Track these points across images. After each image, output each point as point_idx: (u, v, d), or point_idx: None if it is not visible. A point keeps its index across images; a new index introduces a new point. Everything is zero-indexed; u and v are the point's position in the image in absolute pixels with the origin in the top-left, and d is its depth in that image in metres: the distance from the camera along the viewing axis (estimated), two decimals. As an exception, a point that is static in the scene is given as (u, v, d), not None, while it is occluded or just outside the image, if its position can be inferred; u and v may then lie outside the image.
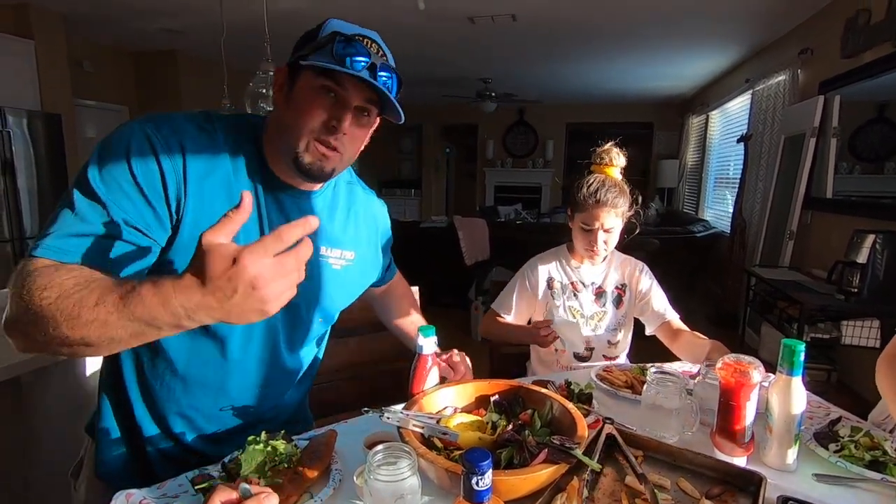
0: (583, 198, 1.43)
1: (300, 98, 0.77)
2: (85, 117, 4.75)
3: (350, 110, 0.77)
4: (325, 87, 0.76)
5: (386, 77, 0.77)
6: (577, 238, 1.50)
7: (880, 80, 2.81)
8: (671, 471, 0.83)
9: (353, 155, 0.83)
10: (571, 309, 1.52)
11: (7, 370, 1.27)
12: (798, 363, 0.82)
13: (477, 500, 0.55)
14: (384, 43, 0.80)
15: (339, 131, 0.76)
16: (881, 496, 0.79)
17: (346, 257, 0.95)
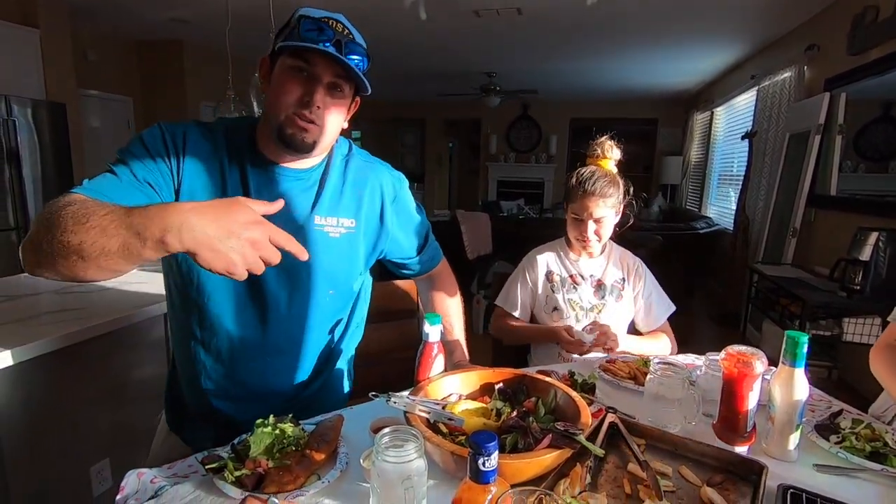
0: (573, 187, 1.45)
1: (277, 80, 0.87)
2: (90, 107, 4.76)
3: (321, 84, 0.85)
4: (297, 66, 0.85)
5: (353, 54, 0.85)
6: (570, 228, 1.53)
7: (887, 78, 2.80)
8: (673, 459, 0.84)
9: (333, 128, 0.90)
10: (571, 301, 1.53)
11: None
12: (801, 355, 0.83)
13: (483, 480, 0.56)
14: (351, 24, 0.88)
15: (312, 105, 0.85)
16: (881, 486, 0.80)
17: (345, 224, 0.99)
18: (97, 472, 1.60)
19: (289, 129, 0.86)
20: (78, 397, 1.54)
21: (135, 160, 0.85)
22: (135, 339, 1.70)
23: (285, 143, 0.87)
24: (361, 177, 1.02)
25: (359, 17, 0.83)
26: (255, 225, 0.65)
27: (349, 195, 1.00)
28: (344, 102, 0.90)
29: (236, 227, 0.64)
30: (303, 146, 0.87)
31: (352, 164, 1.02)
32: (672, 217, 6.25)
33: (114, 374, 1.65)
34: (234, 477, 0.73)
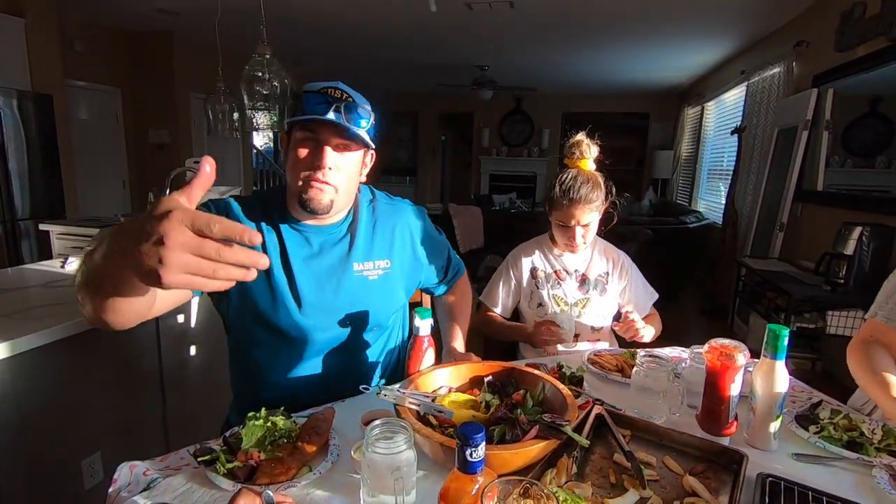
0: (557, 196, 1.42)
1: (291, 151, 0.98)
2: (77, 98, 4.69)
3: (328, 147, 0.94)
4: (306, 137, 0.96)
5: (354, 115, 0.95)
6: (556, 234, 1.52)
7: (874, 75, 2.83)
8: (657, 449, 0.86)
9: (347, 185, 1.00)
10: (555, 297, 1.54)
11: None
12: (782, 347, 0.85)
13: (471, 470, 0.58)
14: (351, 88, 0.98)
15: (323, 167, 0.94)
16: (856, 474, 0.82)
17: (381, 266, 1.10)
18: (88, 465, 1.60)
19: (305, 193, 0.96)
20: (69, 390, 1.53)
21: None
22: (126, 332, 1.68)
23: (304, 207, 0.97)
24: (389, 218, 1.14)
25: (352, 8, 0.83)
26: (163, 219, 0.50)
27: (380, 237, 1.11)
28: (355, 159, 1.00)
29: (147, 229, 0.51)
30: (320, 207, 0.97)
31: (378, 208, 1.13)
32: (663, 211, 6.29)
33: (105, 367, 1.65)
34: (226, 469, 0.74)
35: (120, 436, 1.69)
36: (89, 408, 1.60)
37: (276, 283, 1.01)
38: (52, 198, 3.91)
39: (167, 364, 1.84)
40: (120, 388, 1.70)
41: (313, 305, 1.03)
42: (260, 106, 2.41)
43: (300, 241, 1.04)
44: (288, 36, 5.00)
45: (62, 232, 3.14)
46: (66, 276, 1.89)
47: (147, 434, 1.81)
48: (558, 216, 1.46)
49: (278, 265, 1.02)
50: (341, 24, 4.60)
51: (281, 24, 4.51)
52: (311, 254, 1.04)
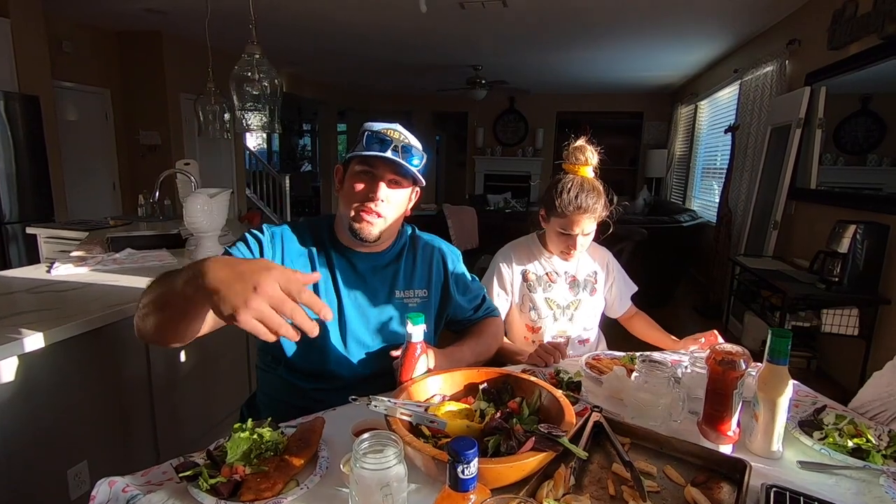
0: (562, 204, 1.38)
1: (348, 182, 1.07)
2: (65, 99, 4.62)
3: (383, 181, 1.03)
4: (363, 170, 1.04)
5: (409, 155, 1.03)
6: (554, 241, 1.47)
7: (865, 73, 2.83)
8: (657, 458, 0.84)
9: (396, 217, 1.09)
10: (549, 300, 1.51)
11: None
12: (785, 352, 0.83)
13: (462, 488, 0.55)
14: (406, 130, 1.07)
15: (376, 199, 1.03)
16: (863, 483, 0.80)
17: (420, 295, 1.17)
18: (74, 474, 1.56)
19: (356, 223, 1.04)
20: (55, 398, 1.49)
21: (237, 254, 1.03)
22: (113, 339, 1.65)
23: (354, 234, 1.05)
24: (428, 252, 1.22)
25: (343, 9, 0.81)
26: (264, 270, 0.66)
27: (420, 269, 1.19)
28: (403, 194, 1.08)
29: (247, 273, 0.65)
30: (370, 236, 1.05)
31: (419, 243, 1.22)
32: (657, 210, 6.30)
33: (92, 373, 1.61)
34: (209, 485, 0.71)
35: (108, 443, 1.66)
36: (76, 415, 1.57)
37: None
38: (40, 200, 3.85)
39: (156, 370, 1.81)
40: (107, 394, 1.67)
41: (354, 333, 1.10)
42: (250, 106, 2.37)
43: (348, 267, 1.11)
44: (281, 37, 4.96)
45: (50, 235, 3.08)
46: (51, 281, 1.85)
47: (136, 441, 1.77)
48: (560, 224, 1.41)
49: (329, 290, 1.09)
50: (333, 24, 4.56)
51: (273, 25, 4.47)
52: (357, 279, 1.11)
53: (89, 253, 2.25)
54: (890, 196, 2.83)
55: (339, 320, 1.09)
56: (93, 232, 2.97)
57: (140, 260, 2.18)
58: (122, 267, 2.08)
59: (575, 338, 1.54)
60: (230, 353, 2.21)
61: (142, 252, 2.30)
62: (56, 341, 1.40)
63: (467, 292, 1.28)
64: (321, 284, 1.08)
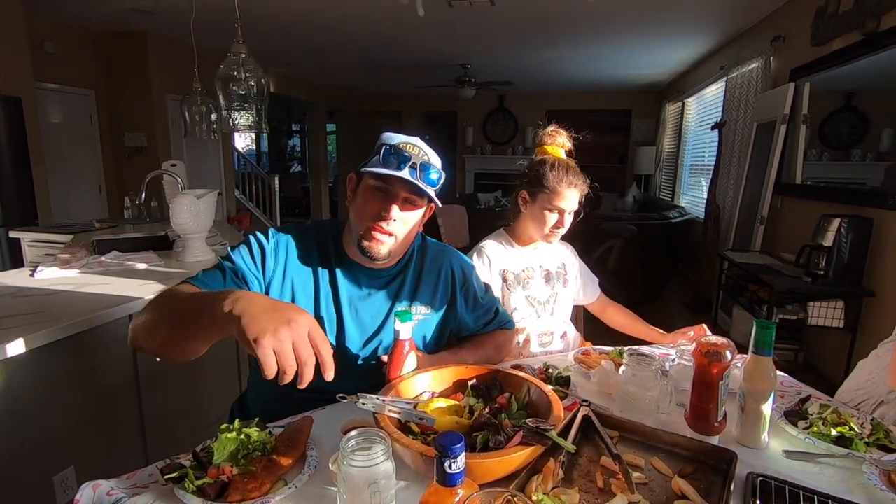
0: (552, 180, 1.39)
1: (360, 197, 1.03)
2: (48, 101, 4.55)
3: (397, 201, 0.99)
4: (377, 186, 1.00)
5: (427, 172, 1.00)
6: (539, 221, 1.44)
7: (848, 69, 2.87)
8: (646, 450, 0.84)
9: (407, 236, 1.05)
10: (529, 298, 1.49)
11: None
12: (770, 343, 0.84)
13: (450, 483, 0.55)
14: (426, 145, 1.04)
15: (389, 218, 0.98)
16: (846, 470, 0.81)
17: (422, 311, 1.13)
18: (61, 480, 1.54)
19: (366, 241, 1.01)
20: (40, 403, 1.47)
21: (239, 259, 1.02)
22: (100, 343, 1.63)
23: (363, 252, 1.02)
24: (435, 265, 1.17)
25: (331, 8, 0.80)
26: (300, 312, 0.71)
27: (425, 284, 1.14)
28: (417, 214, 1.05)
29: (283, 309, 0.71)
30: (379, 256, 1.02)
31: (427, 254, 1.17)
32: (646, 207, 6.34)
33: (78, 378, 1.59)
34: (196, 486, 0.70)
35: (95, 449, 1.63)
36: (61, 421, 1.54)
37: (324, 321, 1.06)
38: (23, 204, 3.79)
39: (143, 372, 1.79)
40: (94, 399, 1.64)
41: (351, 348, 1.08)
42: (237, 106, 2.35)
43: (351, 281, 1.08)
44: (268, 37, 4.92)
45: (34, 239, 3.04)
46: (35, 285, 1.82)
47: (124, 446, 1.75)
48: (549, 200, 1.40)
49: (329, 305, 1.07)
50: (321, 24, 4.54)
51: (260, 25, 4.43)
52: (359, 295, 1.08)
53: (74, 256, 2.22)
54: (873, 190, 2.87)
55: (338, 333, 1.07)
56: (78, 235, 2.93)
57: (126, 262, 2.15)
58: (109, 270, 2.05)
59: (557, 333, 1.54)
60: (219, 354, 2.19)
61: (128, 254, 2.27)
62: (40, 345, 1.38)
63: (476, 309, 1.22)
64: (322, 298, 1.06)
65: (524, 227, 1.49)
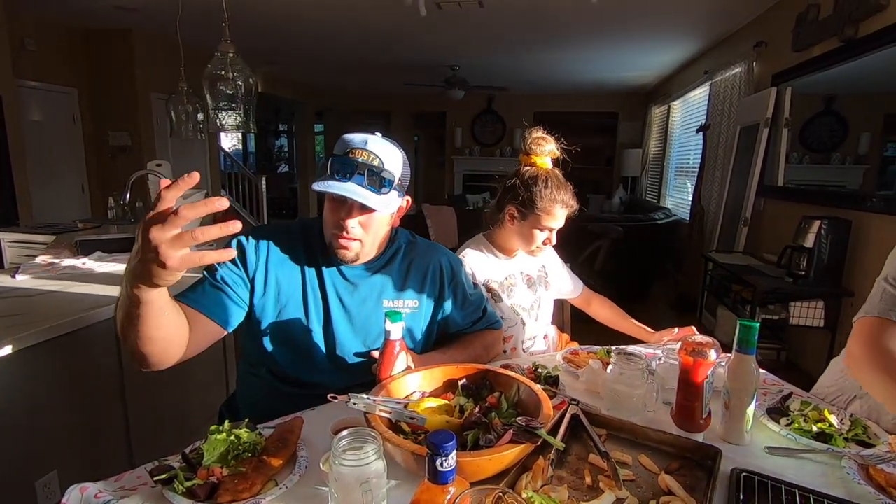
0: (545, 202, 1.34)
1: (325, 204, 1.05)
2: (29, 99, 4.46)
3: (352, 213, 0.99)
4: (333, 196, 1.00)
5: (383, 175, 0.99)
6: (527, 238, 1.41)
7: (828, 74, 2.94)
8: (633, 448, 0.86)
9: (375, 238, 1.05)
10: (515, 307, 1.46)
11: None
12: (753, 342, 0.86)
13: (441, 480, 0.55)
14: (381, 143, 1.02)
15: (346, 228, 1.00)
16: (826, 465, 0.83)
17: (409, 305, 1.13)
18: (43, 485, 1.51)
19: (333, 248, 1.03)
20: (21, 406, 1.44)
21: (223, 268, 1.03)
22: (83, 345, 1.61)
23: (334, 257, 1.04)
24: (424, 260, 1.17)
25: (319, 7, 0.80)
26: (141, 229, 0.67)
27: (413, 278, 1.14)
28: (381, 216, 1.03)
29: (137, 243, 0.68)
30: (346, 259, 1.04)
31: (415, 250, 1.17)
32: (632, 208, 6.41)
33: (61, 381, 1.56)
34: (185, 488, 0.70)
35: (79, 452, 1.61)
36: (44, 424, 1.52)
37: (312, 314, 1.07)
38: (3, 204, 3.72)
39: (129, 375, 1.76)
40: (78, 402, 1.62)
41: (341, 340, 1.08)
42: (224, 106, 2.33)
43: (336, 274, 1.09)
44: (256, 36, 4.89)
45: (14, 240, 2.97)
46: (16, 286, 1.79)
47: (108, 450, 1.72)
48: (539, 221, 1.37)
49: (317, 299, 1.07)
50: (310, 23, 4.52)
51: (248, 24, 4.40)
52: (345, 286, 1.09)
53: (57, 257, 2.18)
54: (852, 193, 2.94)
55: (326, 327, 1.08)
56: (60, 235, 2.88)
57: (110, 263, 2.12)
58: (92, 271, 2.02)
59: (540, 335, 1.54)
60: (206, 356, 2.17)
61: (112, 255, 2.24)
62: (23, 348, 1.36)
63: (465, 306, 1.22)
64: (310, 293, 1.06)
65: (508, 239, 1.46)
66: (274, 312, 1.06)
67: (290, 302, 1.06)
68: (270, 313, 1.06)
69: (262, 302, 1.05)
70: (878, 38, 2.45)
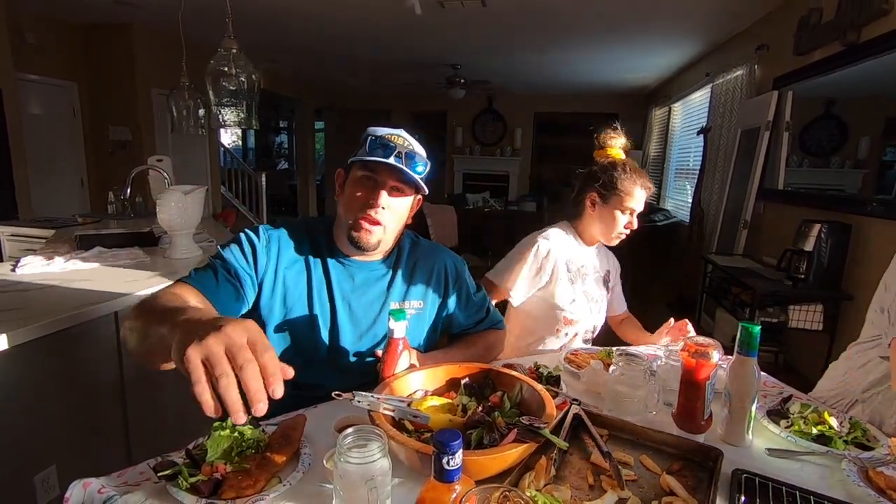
0: (626, 183, 1.42)
1: (349, 188, 1.05)
2: (29, 93, 4.44)
3: (385, 188, 1.01)
4: (365, 175, 1.02)
5: (413, 162, 1.02)
6: (609, 222, 1.46)
7: (829, 78, 2.95)
8: (634, 448, 0.86)
9: (395, 225, 1.06)
10: (586, 294, 1.52)
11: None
12: (754, 345, 0.86)
13: (447, 479, 0.56)
14: (410, 136, 1.06)
15: (377, 205, 1.00)
16: (826, 468, 0.84)
17: (414, 306, 1.14)
18: (42, 479, 1.51)
19: (355, 231, 1.02)
20: (20, 402, 1.44)
21: (231, 257, 1.02)
22: (82, 339, 1.60)
23: (353, 243, 1.03)
24: (428, 261, 1.18)
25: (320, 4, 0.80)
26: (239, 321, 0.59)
27: (418, 279, 1.15)
28: (406, 202, 1.06)
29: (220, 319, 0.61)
30: (368, 245, 1.03)
31: (419, 251, 1.18)
32: (632, 210, 6.40)
33: (61, 375, 1.56)
34: (189, 483, 0.70)
35: (78, 448, 1.61)
36: (43, 419, 1.51)
37: (318, 315, 1.07)
38: (2, 197, 3.71)
39: (128, 371, 1.76)
40: (77, 397, 1.62)
41: (345, 343, 1.08)
42: (227, 102, 2.33)
43: (344, 275, 1.09)
44: (257, 32, 4.87)
45: (14, 233, 2.97)
46: (16, 280, 1.79)
47: (107, 445, 1.72)
48: (621, 202, 1.43)
49: (323, 299, 1.07)
50: (311, 20, 4.51)
51: (249, 20, 4.39)
52: (352, 288, 1.09)
53: (56, 252, 2.17)
54: (852, 197, 2.95)
55: (331, 330, 1.08)
56: (60, 230, 2.88)
57: (111, 258, 2.12)
58: (92, 266, 2.02)
59: (591, 331, 1.57)
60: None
61: (112, 250, 2.23)
62: (22, 342, 1.36)
63: (469, 307, 1.23)
64: (315, 293, 1.06)
65: (590, 227, 1.51)
66: (280, 315, 1.05)
67: (296, 305, 1.06)
68: (276, 315, 1.06)
69: (269, 304, 1.05)
70: (880, 43, 2.46)
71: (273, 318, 1.05)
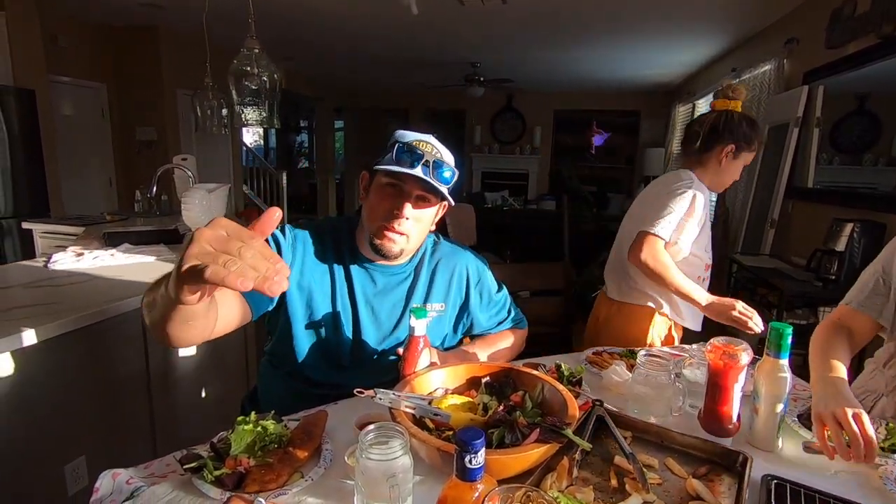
0: (754, 134, 1.50)
1: (373, 195, 1.03)
2: (61, 94, 4.58)
3: (409, 199, 0.99)
4: (390, 184, 1.00)
5: (441, 170, 0.98)
6: (734, 174, 1.55)
7: (862, 72, 2.84)
8: (659, 451, 0.84)
9: (419, 235, 1.05)
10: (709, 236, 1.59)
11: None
12: (786, 346, 0.84)
13: (470, 478, 0.55)
14: (439, 143, 1.04)
15: (401, 217, 0.98)
16: (862, 475, 0.81)
17: (436, 308, 1.14)
18: (72, 469, 1.56)
19: (377, 239, 1.01)
20: (51, 393, 1.49)
21: None
22: (110, 334, 1.65)
23: (375, 250, 1.03)
24: (450, 263, 1.17)
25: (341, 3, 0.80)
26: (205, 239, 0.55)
27: (439, 282, 1.15)
28: (430, 212, 1.04)
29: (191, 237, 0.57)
30: (391, 254, 1.02)
31: (440, 253, 1.17)
32: (654, 208, 6.29)
33: (89, 368, 1.61)
34: (214, 476, 0.71)
35: (105, 439, 1.65)
36: (72, 411, 1.56)
37: (342, 318, 1.07)
38: (35, 195, 3.82)
39: (154, 364, 1.80)
40: (105, 389, 1.66)
41: (367, 345, 1.09)
42: (249, 101, 2.36)
43: (366, 279, 1.09)
44: (277, 33, 4.94)
45: (46, 230, 3.07)
46: (48, 275, 1.84)
47: (134, 437, 1.77)
48: (753, 149, 1.52)
49: (345, 301, 1.07)
50: (331, 19, 4.54)
51: (269, 20, 4.44)
52: (374, 292, 1.09)
53: (87, 248, 2.24)
54: (886, 195, 2.84)
55: (354, 332, 1.08)
56: (89, 227, 2.96)
57: (138, 255, 2.17)
58: (121, 262, 2.07)
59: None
60: (228, 349, 2.20)
61: (139, 247, 2.29)
62: (52, 336, 1.40)
63: (490, 307, 1.23)
64: (338, 295, 1.07)
65: (716, 177, 1.55)
66: (305, 315, 1.06)
67: (320, 306, 1.06)
68: (300, 316, 1.06)
69: (293, 304, 1.05)
70: (917, 36, 2.36)
71: (297, 319, 1.06)
